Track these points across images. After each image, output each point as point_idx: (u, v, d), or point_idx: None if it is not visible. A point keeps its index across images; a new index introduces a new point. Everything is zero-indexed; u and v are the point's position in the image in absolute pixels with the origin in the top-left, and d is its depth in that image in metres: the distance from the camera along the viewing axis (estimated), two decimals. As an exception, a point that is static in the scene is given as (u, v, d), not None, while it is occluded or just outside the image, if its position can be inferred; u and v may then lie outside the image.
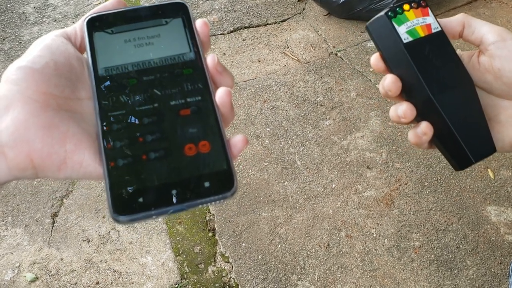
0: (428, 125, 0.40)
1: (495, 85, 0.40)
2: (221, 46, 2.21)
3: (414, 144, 0.41)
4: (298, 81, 1.99)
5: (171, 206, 0.30)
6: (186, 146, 0.32)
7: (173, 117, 0.34)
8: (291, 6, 2.41)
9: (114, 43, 0.36)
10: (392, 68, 0.41)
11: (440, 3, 2.34)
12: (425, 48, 0.40)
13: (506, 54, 0.39)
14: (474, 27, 0.42)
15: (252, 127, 1.82)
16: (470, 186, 1.59)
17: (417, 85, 0.39)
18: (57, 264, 1.45)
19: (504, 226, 1.49)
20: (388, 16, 0.41)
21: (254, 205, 1.58)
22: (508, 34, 0.40)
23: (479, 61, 0.41)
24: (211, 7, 2.45)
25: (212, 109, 0.34)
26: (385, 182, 1.62)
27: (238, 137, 0.33)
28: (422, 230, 1.49)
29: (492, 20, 2.22)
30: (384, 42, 0.41)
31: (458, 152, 0.40)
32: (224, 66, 0.36)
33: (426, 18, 0.42)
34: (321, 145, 1.74)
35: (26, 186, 1.67)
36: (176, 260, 1.45)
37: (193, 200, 0.31)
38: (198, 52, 0.36)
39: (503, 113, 0.41)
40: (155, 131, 0.33)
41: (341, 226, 1.51)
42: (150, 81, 0.35)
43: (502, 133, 0.41)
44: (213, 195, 0.31)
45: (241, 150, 0.33)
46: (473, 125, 0.40)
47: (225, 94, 0.34)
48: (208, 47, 0.38)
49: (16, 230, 1.54)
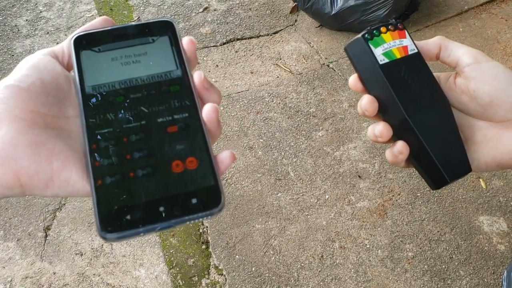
0: (404, 144, 0.40)
1: (471, 106, 0.41)
2: (214, 58, 2.22)
3: (391, 163, 0.42)
4: (290, 92, 2.00)
5: (158, 223, 0.31)
6: (173, 163, 0.33)
7: (160, 134, 0.34)
8: (283, 18, 2.43)
9: (101, 61, 0.37)
10: (369, 89, 0.42)
11: (431, 14, 2.37)
12: (401, 69, 0.41)
13: (480, 76, 0.40)
14: (450, 49, 0.42)
15: (245, 138, 1.82)
16: (463, 196, 1.60)
17: (392, 106, 0.40)
18: (49, 278, 1.44)
19: (497, 235, 1.49)
20: (364, 38, 0.42)
21: (248, 217, 1.58)
22: (483, 57, 0.41)
23: (455, 83, 0.42)
24: (203, 19, 2.46)
25: (199, 126, 0.34)
26: (378, 192, 1.62)
27: (225, 153, 0.34)
28: (415, 240, 1.49)
29: (482, 31, 2.25)
30: (361, 63, 0.42)
31: (434, 172, 0.41)
32: (211, 83, 0.37)
33: (402, 40, 0.43)
34: (314, 156, 1.74)
35: (18, 200, 1.65)
36: (170, 273, 1.45)
37: (181, 217, 0.31)
38: (185, 69, 0.37)
39: (479, 133, 0.42)
40: (142, 149, 0.33)
41: (334, 237, 1.51)
42: (137, 99, 0.35)
43: (478, 153, 0.41)
44: (200, 211, 0.31)
45: (229, 166, 0.33)
46: (449, 145, 0.40)
47: (212, 110, 0.34)
48: (195, 64, 0.38)
49: (8, 244, 1.53)
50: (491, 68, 0.40)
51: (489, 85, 0.40)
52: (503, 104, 0.39)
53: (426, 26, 2.30)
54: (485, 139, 0.41)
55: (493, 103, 0.40)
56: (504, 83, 0.39)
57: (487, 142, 0.41)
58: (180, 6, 2.57)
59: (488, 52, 2.14)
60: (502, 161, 0.41)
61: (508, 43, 2.18)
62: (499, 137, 0.40)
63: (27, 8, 2.58)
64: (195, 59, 0.38)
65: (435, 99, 0.41)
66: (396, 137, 0.41)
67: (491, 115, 0.40)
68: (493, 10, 2.39)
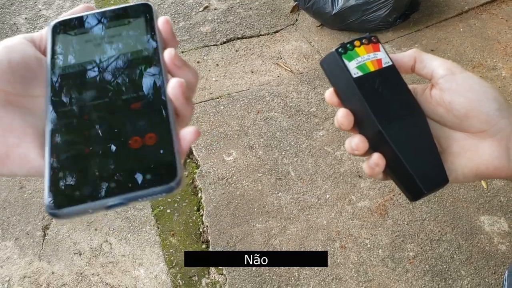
0: (380, 156, 0.40)
1: (447, 118, 0.41)
2: (214, 57, 2.21)
3: (369, 175, 0.42)
4: (291, 91, 1.99)
5: (108, 199, 0.30)
6: (132, 139, 0.32)
7: (122, 111, 0.34)
8: (284, 17, 2.43)
9: (74, 43, 0.38)
10: (344, 102, 0.42)
11: (431, 14, 2.37)
12: (376, 82, 0.41)
13: (455, 88, 0.40)
14: (425, 61, 0.42)
15: (245, 138, 1.81)
16: (464, 196, 1.59)
17: (367, 119, 0.40)
18: (48, 277, 1.43)
19: (498, 235, 1.49)
20: (338, 53, 0.42)
21: (248, 216, 1.57)
22: (457, 68, 0.41)
23: (431, 95, 0.42)
24: (204, 18, 2.46)
25: (162, 102, 0.34)
26: (379, 192, 1.62)
27: (187, 129, 0.33)
28: (416, 240, 1.48)
29: (482, 32, 2.25)
30: (336, 77, 0.43)
31: (410, 184, 0.40)
32: (184, 61, 0.37)
33: (377, 54, 0.42)
34: (315, 156, 1.74)
35: (17, 199, 1.64)
36: (170, 272, 1.44)
37: (133, 192, 0.30)
38: (156, 48, 0.37)
39: (456, 144, 0.41)
40: (101, 125, 0.33)
41: (335, 236, 1.51)
42: (103, 78, 0.36)
43: (455, 164, 0.41)
44: (153, 187, 0.30)
45: (191, 142, 0.33)
46: (425, 156, 0.40)
47: (177, 85, 0.34)
48: (173, 44, 0.38)
49: (6, 243, 1.52)
50: (465, 79, 0.40)
51: (464, 96, 0.40)
52: (479, 115, 0.39)
53: (427, 26, 2.30)
54: (462, 150, 0.41)
55: (469, 115, 0.40)
56: (478, 94, 0.39)
57: (464, 153, 0.41)
58: (180, 5, 2.56)
59: (489, 52, 2.14)
60: (479, 171, 0.41)
61: (509, 43, 2.18)
62: (475, 148, 0.40)
63: (26, 6, 2.57)
64: (173, 39, 0.38)
65: (410, 111, 0.41)
66: (373, 150, 0.41)
67: (467, 127, 0.40)
68: (493, 10, 2.39)
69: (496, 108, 0.39)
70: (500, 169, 0.40)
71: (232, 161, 1.73)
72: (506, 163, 0.39)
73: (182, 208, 1.61)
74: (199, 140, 1.81)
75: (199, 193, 1.65)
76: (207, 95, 2.01)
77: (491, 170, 0.40)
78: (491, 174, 0.40)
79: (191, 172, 1.72)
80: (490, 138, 0.39)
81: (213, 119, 1.90)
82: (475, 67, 2.07)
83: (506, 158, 0.39)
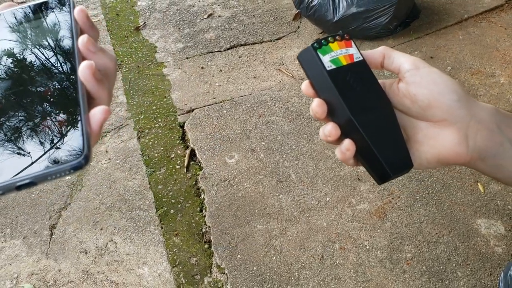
0: (350, 142, 0.44)
1: (412, 108, 0.45)
2: (218, 63, 2.26)
3: (341, 160, 0.46)
4: (292, 96, 2.03)
5: (17, 178, 0.32)
6: (41, 121, 0.35)
7: (34, 96, 0.37)
8: (286, 25, 2.48)
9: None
10: (319, 93, 0.46)
11: (431, 22, 2.41)
12: (347, 74, 0.45)
13: (419, 81, 0.44)
14: (393, 57, 0.46)
15: (247, 141, 1.85)
16: (461, 199, 1.63)
17: (339, 107, 0.44)
18: (54, 275, 1.47)
19: (494, 238, 1.52)
20: (313, 47, 0.46)
21: (250, 217, 1.60)
22: (421, 63, 0.45)
23: (398, 88, 0.46)
24: (208, 25, 2.51)
25: (74, 85, 0.37)
26: (378, 195, 1.65)
27: (96, 109, 0.36)
28: (414, 242, 1.52)
29: (482, 39, 2.29)
30: (311, 70, 0.46)
31: (378, 167, 0.44)
32: (100, 47, 0.40)
33: (349, 49, 0.46)
34: (316, 159, 1.77)
35: (25, 199, 1.69)
36: (173, 271, 1.48)
37: (42, 171, 0.33)
38: (71, 36, 0.40)
39: (420, 133, 0.45)
40: (13, 109, 0.36)
41: (335, 238, 1.54)
42: (18, 66, 0.39)
43: (419, 150, 0.45)
44: (61, 164, 0.33)
45: (101, 121, 0.35)
46: (391, 143, 0.44)
47: (85, 67, 0.36)
48: (91, 32, 0.41)
49: (15, 241, 1.56)
50: (429, 73, 0.44)
51: (427, 89, 0.43)
52: (440, 106, 0.43)
53: (427, 34, 2.34)
54: (425, 138, 0.45)
55: (431, 105, 0.43)
56: (440, 87, 0.43)
57: (427, 141, 0.45)
58: (185, 13, 2.61)
59: (488, 59, 2.18)
60: (441, 157, 0.44)
61: (507, 51, 2.22)
62: (437, 136, 0.44)
63: None
64: (91, 27, 0.42)
65: (378, 101, 0.45)
66: (344, 137, 0.45)
67: (430, 116, 0.44)
68: (492, 18, 2.43)
69: (456, 99, 0.43)
70: (460, 155, 0.44)
71: (234, 163, 1.78)
72: (465, 150, 0.43)
73: (185, 209, 1.65)
74: (202, 143, 1.86)
75: (202, 194, 1.69)
76: (211, 99, 2.06)
77: (452, 156, 0.44)
78: (452, 160, 0.44)
79: (194, 174, 1.77)
80: (450, 126, 0.43)
81: (216, 123, 1.94)
82: (473, 74, 2.10)
83: (465, 145, 0.43)
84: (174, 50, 2.37)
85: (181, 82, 2.18)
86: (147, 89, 2.16)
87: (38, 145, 0.34)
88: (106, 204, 1.67)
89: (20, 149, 0.34)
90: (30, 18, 0.43)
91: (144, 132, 1.95)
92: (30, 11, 0.43)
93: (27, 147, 0.34)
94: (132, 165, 1.80)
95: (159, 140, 1.91)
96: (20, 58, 0.40)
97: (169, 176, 1.76)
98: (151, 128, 1.96)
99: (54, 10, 0.43)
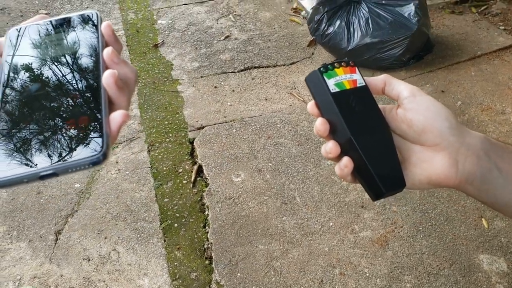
0: (348, 159, 0.47)
1: (408, 133, 0.48)
2: (231, 83, 2.31)
3: (340, 176, 0.49)
4: (302, 120, 2.06)
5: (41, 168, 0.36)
6: (67, 121, 0.40)
7: (62, 99, 0.41)
8: (300, 50, 2.53)
9: (27, 46, 0.46)
10: (323, 112, 0.50)
11: (444, 57, 2.45)
12: (350, 98, 0.49)
13: (416, 108, 0.47)
14: (393, 85, 0.50)
15: (254, 161, 1.88)
16: (464, 233, 1.62)
17: (340, 127, 0.48)
18: (56, 280, 1.49)
19: (496, 275, 1.51)
20: (320, 71, 0.50)
21: (252, 237, 1.62)
22: (418, 91, 0.49)
23: (396, 113, 0.49)
24: (224, 46, 2.57)
25: (97, 91, 0.41)
26: (381, 224, 1.66)
27: (116, 113, 0.40)
28: (414, 272, 1.51)
29: (494, 77, 2.31)
30: (317, 91, 0.50)
31: (373, 184, 0.48)
32: (122, 59, 0.44)
33: (353, 75, 0.50)
34: (321, 184, 1.79)
35: (33, 203, 1.72)
36: (172, 284, 1.49)
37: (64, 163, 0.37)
38: (97, 47, 0.45)
39: (414, 155, 0.49)
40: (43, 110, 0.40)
41: (335, 263, 1.54)
42: (49, 73, 0.43)
43: (412, 172, 0.49)
44: (81, 158, 0.37)
45: (120, 124, 0.40)
46: (387, 163, 0.48)
47: (109, 75, 0.41)
48: (116, 45, 0.46)
49: (20, 244, 1.59)
50: (424, 101, 0.48)
51: (422, 115, 0.47)
52: (433, 131, 0.46)
53: (439, 68, 2.38)
54: (419, 161, 0.48)
55: (425, 130, 0.47)
56: (433, 113, 0.47)
57: (420, 163, 0.48)
58: (203, 33, 2.68)
59: (499, 97, 2.20)
60: (432, 179, 0.48)
61: (519, 89, 2.24)
62: (430, 160, 0.47)
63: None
64: (115, 40, 0.46)
65: (377, 124, 0.49)
66: (343, 154, 0.48)
67: (424, 140, 0.47)
68: (506, 57, 2.46)
69: (448, 126, 0.46)
70: (449, 178, 0.47)
71: (240, 182, 1.80)
72: (454, 173, 0.47)
73: (189, 224, 1.67)
74: (209, 160, 1.89)
75: (206, 210, 1.71)
76: (221, 118, 2.10)
77: (442, 179, 0.47)
78: (442, 182, 0.47)
79: (200, 189, 1.79)
80: (442, 151, 0.47)
81: (225, 141, 1.98)
82: (483, 110, 2.12)
83: (454, 169, 0.46)
84: (189, 69, 2.43)
85: (194, 100, 2.23)
86: (160, 104, 2.21)
87: (63, 141, 0.39)
88: (112, 214, 1.69)
89: (46, 143, 0.38)
90: (63, 29, 0.47)
91: (155, 145, 1.98)
92: (61, 23, 0.48)
93: (53, 141, 0.39)
94: (141, 177, 1.83)
95: (168, 154, 1.94)
96: (54, 64, 0.44)
97: (176, 191, 1.79)
98: (161, 142, 2.00)
99: (84, 24, 0.47)
